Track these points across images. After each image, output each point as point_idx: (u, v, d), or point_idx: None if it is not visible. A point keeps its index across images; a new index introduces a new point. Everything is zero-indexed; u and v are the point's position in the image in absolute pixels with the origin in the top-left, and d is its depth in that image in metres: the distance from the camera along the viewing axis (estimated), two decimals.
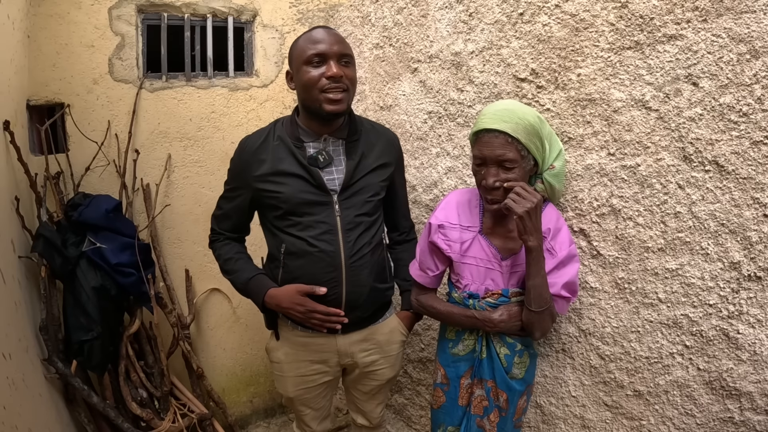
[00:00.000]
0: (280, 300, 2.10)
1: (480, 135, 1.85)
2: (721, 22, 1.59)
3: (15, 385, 1.94)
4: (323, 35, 2.00)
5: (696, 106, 1.67)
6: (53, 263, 2.50)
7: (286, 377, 2.30)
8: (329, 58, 1.98)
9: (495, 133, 1.80)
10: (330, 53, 1.98)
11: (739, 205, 1.63)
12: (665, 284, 1.85)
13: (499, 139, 1.80)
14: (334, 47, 1.98)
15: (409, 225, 2.49)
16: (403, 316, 2.38)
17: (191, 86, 3.18)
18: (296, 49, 2.05)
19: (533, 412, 2.43)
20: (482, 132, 1.84)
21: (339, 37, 2.03)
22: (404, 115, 2.80)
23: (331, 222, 2.08)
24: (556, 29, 2.02)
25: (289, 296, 2.08)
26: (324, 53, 1.97)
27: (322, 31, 2.02)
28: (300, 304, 2.06)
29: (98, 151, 2.92)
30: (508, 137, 1.79)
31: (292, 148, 2.07)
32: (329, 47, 1.98)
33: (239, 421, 3.57)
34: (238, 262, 2.22)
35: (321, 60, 1.98)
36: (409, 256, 2.38)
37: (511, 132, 1.78)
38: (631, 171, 1.87)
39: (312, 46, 1.98)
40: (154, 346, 3.00)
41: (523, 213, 1.73)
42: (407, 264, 2.33)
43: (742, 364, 1.71)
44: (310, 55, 1.98)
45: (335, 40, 2.01)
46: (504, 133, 1.79)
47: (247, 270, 2.20)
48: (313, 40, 2.00)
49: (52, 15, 2.76)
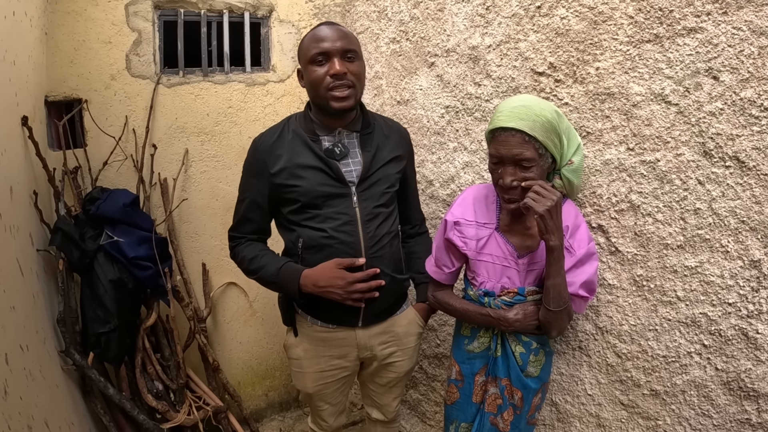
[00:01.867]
0: (317, 278, 2.06)
1: (496, 133, 1.82)
2: (742, 15, 1.56)
3: (32, 376, 1.96)
4: (326, 32, 2.01)
5: (716, 101, 1.65)
6: (71, 256, 2.52)
7: (306, 373, 2.30)
8: (332, 55, 1.99)
9: (511, 132, 1.76)
10: (333, 50, 1.98)
11: (760, 201, 1.61)
12: (684, 282, 1.83)
13: (515, 137, 1.76)
14: (336, 44, 1.99)
15: (420, 218, 2.50)
16: (419, 308, 2.38)
17: (208, 81, 3.18)
18: (302, 48, 2.07)
19: (548, 410, 2.41)
20: (498, 130, 1.80)
21: (342, 33, 2.03)
22: (421, 109, 2.79)
23: (351, 213, 2.08)
24: (575, 22, 2.00)
25: (327, 272, 2.05)
26: (327, 51, 1.98)
27: (326, 28, 2.03)
28: (340, 277, 2.03)
29: (116, 146, 2.93)
30: (525, 136, 1.75)
31: (308, 141, 2.08)
32: (332, 44, 1.98)
33: (254, 414, 3.58)
34: (264, 258, 2.18)
35: (325, 58, 2.00)
36: (421, 249, 2.39)
37: (528, 130, 1.74)
38: (651, 166, 1.85)
39: (315, 44, 2.00)
40: (171, 339, 3.01)
41: (543, 212, 1.70)
42: (421, 257, 2.34)
43: (761, 365, 1.68)
44: (314, 54, 1.99)
45: (338, 36, 2.01)
46: (521, 132, 1.75)
47: (274, 261, 2.16)
48: (316, 38, 2.01)
49: (70, 12, 2.77)
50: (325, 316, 2.21)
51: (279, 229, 2.26)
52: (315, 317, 2.22)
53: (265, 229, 2.29)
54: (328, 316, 2.20)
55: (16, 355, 1.83)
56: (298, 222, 2.12)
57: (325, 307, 2.17)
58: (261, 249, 2.23)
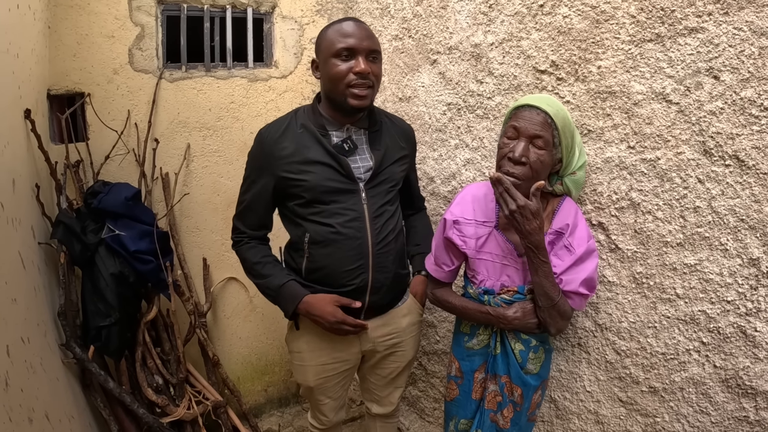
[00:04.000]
0: (313, 307, 2.09)
1: (521, 108, 1.83)
2: (743, 15, 1.57)
3: (33, 369, 1.96)
4: (354, 29, 1.99)
5: (717, 100, 1.66)
6: (72, 250, 2.52)
7: (307, 366, 2.30)
8: (358, 53, 1.98)
9: (537, 110, 1.79)
10: (360, 48, 1.98)
11: (759, 200, 1.62)
12: (683, 279, 1.84)
13: (539, 116, 1.78)
14: (364, 43, 1.98)
15: (419, 205, 2.56)
16: (417, 281, 2.38)
17: (210, 76, 3.19)
18: (325, 39, 2.04)
19: (547, 407, 2.42)
20: (524, 106, 1.82)
21: (369, 32, 2.03)
22: (423, 106, 2.79)
23: (359, 210, 2.09)
24: (577, 21, 2.00)
25: (323, 306, 2.08)
26: (354, 48, 1.97)
27: (353, 24, 2.01)
28: (332, 314, 2.07)
29: (118, 140, 2.94)
30: (549, 117, 1.78)
31: (318, 136, 2.07)
32: (359, 42, 1.97)
33: (253, 409, 3.59)
34: (266, 267, 2.18)
35: (350, 54, 1.98)
36: (420, 223, 2.46)
37: (552, 114, 1.78)
38: (651, 164, 1.85)
39: (342, 39, 1.98)
40: (171, 333, 3.02)
41: (508, 212, 1.74)
42: (418, 230, 2.40)
43: (759, 363, 1.69)
44: (340, 48, 1.97)
45: (365, 35, 2.00)
46: (545, 113, 1.78)
47: (278, 276, 2.16)
48: (343, 33, 1.99)
49: (73, 6, 2.78)
50: None
51: (284, 222, 2.25)
52: None
53: (266, 223, 2.28)
54: None
55: (18, 348, 1.83)
56: (304, 216, 2.12)
57: None
58: (264, 255, 2.22)
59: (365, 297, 2.17)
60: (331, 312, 2.07)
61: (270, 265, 2.19)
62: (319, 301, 2.09)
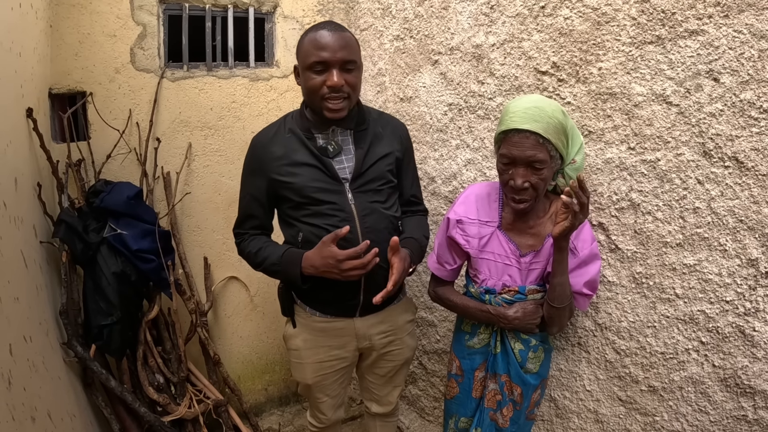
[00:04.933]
0: (313, 260, 2.05)
1: (509, 134, 1.80)
2: (743, 18, 1.58)
3: (35, 368, 1.96)
4: (328, 39, 1.97)
5: (716, 102, 1.67)
6: (74, 248, 2.53)
7: (305, 364, 2.31)
8: (332, 66, 1.97)
9: (526, 134, 1.75)
10: (333, 61, 1.97)
11: (758, 201, 1.63)
12: (683, 280, 1.85)
13: (530, 139, 1.75)
14: (337, 54, 1.96)
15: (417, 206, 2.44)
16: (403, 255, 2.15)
17: (212, 76, 3.19)
18: (301, 50, 2.04)
19: (547, 406, 2.43)
20: (512, 132, 1.79)
21: (344, 41, 2.00)
22: (424, 107, 2.80)
23: (347, 210, 2.10)
24: (578, 23, 2.01)
25: (319, 252, 2.03)
26: (327, 61, 1.96)
27: (328, 34, 1.98)
28: (331, 256, 1.99)
29: (119, 139, 2.94)
30: (540, 138, 1.75)
31: (303, 139, 2.10)
32: (332, 55, 1.96)
33: (254, 408, 3.59)
34: (267, 249, 2.19)
35: (323, 67, 1.98)
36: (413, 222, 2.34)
37: (543, 132, 1.74)
38: (651, 166, 1.86)
39: (315, 52, 1.97)
40: (172, 332, 3.02)
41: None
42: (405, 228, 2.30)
43: (758, 362, 1.70)
44: (313, 62, 1.97)
45: (339, 45, 1.98)
46: (535, 134, 1.74)
47: (277, 249, 2.17)
48: (317, 45, 1.97)
49: (75, 5, 2.78)
50: (324, 306, 2.23)
51: (280, 224, 2.27)
52: (313, 308, 2.24)
53: (266, 225, 2.29)
54: (326, 307, 2.23)
55: (20, 346, 1.83)
56: (297, 218, 2.14)
57: (323, 297, 2.19)
58: (264, 241, 2.23)
59: (359, 295, 2.17)
60: (329, 255, 1.99)
61: (270, 247, 2.19)
62: (315, 251, 2.04)
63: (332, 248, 1.99)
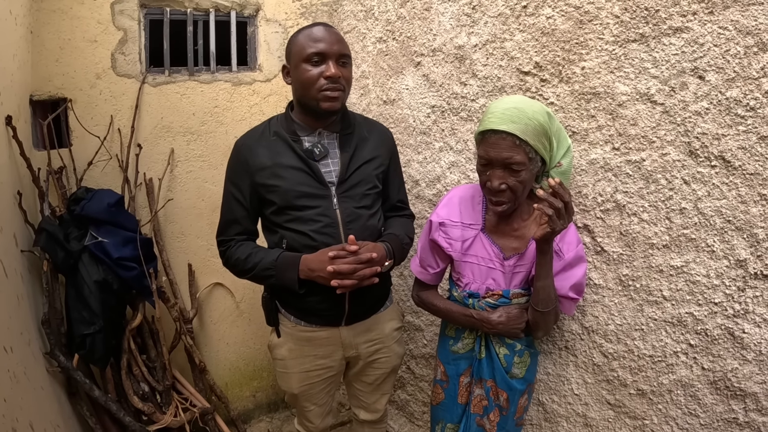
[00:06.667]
0: (311, 262, 2.01)
1: (486, 135, 1.78)
2: (728, 14, 1.56)
3: (17, 378, 1.94)
4: (324, 34, 2.00)
5: (702, 100, 1.65)
6: (55, 257, 2.50)
7: (291, 373, 2.29)
8: (328, 57, 1.99)
9: (502, 135, 1.72)
10: (330, 53, 1.98)
11: (745, 201, 1.61)
12: (670, 282, 1.83)
13: (506, 140, 1.72)
14: (334, 47, 1.99)
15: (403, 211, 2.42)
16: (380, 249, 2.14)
17: (194, 81, 3.17)
18: (295, 45, 2.05)
19: (535, 410, 2.41)
20: (489, 132, 1.76)
21: (339, 36, 2.04)
22: (407, 109, 2.78)
23: (332, 216, 2.07)
24: (560, 22, 1.99)
25: (319, 255, 2.00)
26: (324, 52, 1.98)
27: (323, 29, 2.02)
28: (325, 260, 1.96)
29: (101, 145, 2.92)
30: (517, 139, 1.71)
31: (289, 141, 2.08)
32: (329, 47, 1.98)
33: (242, 415, 3.56)
34: (258, 254, 2.13)
35: (320, 59, 1.98)
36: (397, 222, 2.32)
37: (520, 134, 1.70)
38: (636, 166, 1.85)
39: (312, 44, 1.98)
40: (157, 340, 3.00)
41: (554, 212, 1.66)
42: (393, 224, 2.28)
43: (748, 364, 1.69)
44: (310, 53, 1.98)
45: (335, 39, 2.01)
46: (512, 135, 1.71)
47: (270, 254, 2.11)
48: (313, 38, 1.99)
49: (55, 10, 2.75)
50: (309, 316, 2.20)
51: (264, 231, 2.24)
52: (298, 317, 2.21)
53: (252, 231, 2.25)
54: (311, 317, 2.19)
55: (0, 357, 1.81)
56: (280, 224, 2.11)
57: (308, 307, 2.16)
58: (253, 247, 2.18)
59: (344, 304, 2.15)
60: (326, 259, 1.97)
61: (261, 252, 2.14)
62: (316, 254, 2.02)
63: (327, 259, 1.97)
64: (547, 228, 1.67)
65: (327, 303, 2.12)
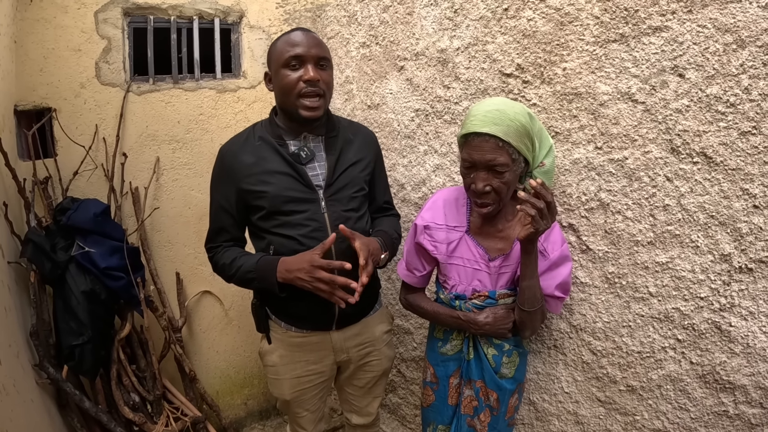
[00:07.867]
0: (290, 263, 1.98)
1: (469, 138, 1.78)
2: (707, 13, 1.58)
3: (6, 391, 1.93)
4: (301, 38, 2.00)
5: (683, 98, 1.67)
6: (42, 268, 2.49)
7: (282, 380, 2.28)
8: (307, 61, 1.99)
9: (485, 137, 1.73)
10: (308, 56, 1.99)
11: (728, 196, 1.63)
12: (656, 278, 1.85)
13: (489, 143, 1.73)
14: (312, 50, 1.99)
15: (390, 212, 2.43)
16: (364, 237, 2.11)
17: (179, 88, 3.16)
18: (275, 51, 2.05)
19: (526, 409, 2.42)
20: (471, 135, 1.77)
21: (317, 40, 2.04)
22: (392, 113, 2.79)
23: (320, 219, 2.07)
24: (541, 24, 2.01)
25: (300, 256, 1.98)
26: (301, 56, 1.98)
27: (301, 33, 2.02)
28: (308, 261, 1.93)
29: (86, 155, 2.90)
30: (499, 141, 1.72)
31: (276, 146, 2.07)
32: (307, 50, 1.98)
33: (234, 423, 3.55)
34: (241, 259, 2.12)
35: (299, 63, 1.99)
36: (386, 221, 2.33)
37: (502, 136, 1.71)
38: (619, 164, 1.86)
39: (290, 48, 1.99)
40: (146, 349, 2.99)
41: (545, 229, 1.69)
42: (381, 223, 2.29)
43: (736, 357, 1.70)
44: (288, 57, 1.98)
45: (313, 42, 2.01)
46: (494, 137, 1.71)
47: (251, 258, 2.10)
48: (291, 42, 2.00)
49: (39, 20, 2.74)
50: (299, 321, 2.19)
51: (251, 237, 2.23)
52: (288, 323, 2.20)
53: (239, 237, 2.25)
54: (301, 322, 2.19)
55: None
56: (267, 229, 2.10)
57: (297, 311, 2.16)
58: (238, 252, 2.17)
59: (334, 307, 2.14)
60: (307, 259, 1.94)
61: (245, 257, 2.13)
62: (296, 257, 1.99)
63: (313, 253, 1.94)
64: (530, 228, 1.68)
65: (316, 307, 2.11)
